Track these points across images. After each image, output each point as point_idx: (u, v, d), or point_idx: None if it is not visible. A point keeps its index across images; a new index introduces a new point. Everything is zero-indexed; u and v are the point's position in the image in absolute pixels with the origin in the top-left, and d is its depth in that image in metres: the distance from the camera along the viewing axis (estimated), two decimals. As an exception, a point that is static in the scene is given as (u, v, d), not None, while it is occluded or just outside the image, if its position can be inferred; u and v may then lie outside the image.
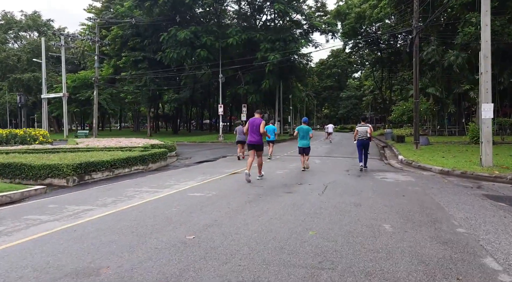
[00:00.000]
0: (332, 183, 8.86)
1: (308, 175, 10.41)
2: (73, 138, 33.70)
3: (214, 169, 12.33)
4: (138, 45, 34.73)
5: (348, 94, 79.80)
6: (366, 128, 11.75)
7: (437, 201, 6.65)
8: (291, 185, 8.67)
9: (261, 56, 29.60)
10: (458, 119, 36.13)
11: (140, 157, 12.15)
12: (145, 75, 33.76)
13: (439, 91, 33.02)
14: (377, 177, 10.15)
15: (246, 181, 8.98)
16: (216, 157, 17.40)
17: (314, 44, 33.92)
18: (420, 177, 10.31)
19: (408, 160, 13.98)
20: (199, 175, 10.69)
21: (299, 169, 11.96)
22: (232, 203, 6.56)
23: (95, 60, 36.41)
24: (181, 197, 7.18)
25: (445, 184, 8.96)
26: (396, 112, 23.98)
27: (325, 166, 12.91)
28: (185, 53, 30.31)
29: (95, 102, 35.95)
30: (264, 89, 31.80)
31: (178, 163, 15.35)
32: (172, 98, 32.79)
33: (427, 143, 22.47)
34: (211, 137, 32.65)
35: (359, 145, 11.78)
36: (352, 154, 18.19)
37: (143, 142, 19.47)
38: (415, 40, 19.80)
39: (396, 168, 12.78)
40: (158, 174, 11.35)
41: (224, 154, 19.00)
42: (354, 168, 12.40)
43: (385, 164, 14.36)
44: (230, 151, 21.02)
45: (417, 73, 19.88)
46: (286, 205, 6.34)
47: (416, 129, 19.74)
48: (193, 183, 9.00)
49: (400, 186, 8.47)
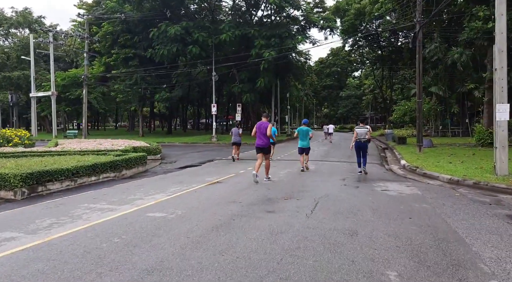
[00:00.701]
0: (324, 198, 7.50)
1: (298, 186, 9.07)
2: (62, 138, 32.37)
3: (194, 177, 10.98)
4: (129, 42, 33.31)
5: (348, 93, 78.36)
6: (365, 130, 11.30)
7: (454, 228, 5.29)
8: (276, 200, 7.32)
9: (255, 53, 28.16)
10: (462, 120, 34.77)
11: (110, 163, 10.79)
12: (136, 73, 32.35)
13: (442, 90, 31.67)
14: (378, 188, 8.80)
15: (254, 182, 9.36)
16: (203, 161, 16.05)
17: (311, 41, 32.48)
18: (427, 188, 8.95)
19: (411, 166, 12.64)
20: (173, 185, 9.35)
21: (290, 177, 10.65)
22: (196, 229, 5.21)
23: (85, 57, 35.02)
24: (136, 219, 5.83)
25: (458, 198, 7.61)
26: (397, 112, 22.63)
27: (319, 174, 11.56)
28: (176, 50, 28.89)
29: (84, 101, 34.56)
30: (259, 87, 30.40)
31: (159, 168, 14.00)
32: (164, 97, 31.34)
33: (430, 146, 21.14)
34: (204, 138, 31.26)
35: (356, 147, 11.36)
36: (350, 158, 16.85)
37: (126, 144, 18.11)
38: (419, 35, 18.43)
39: (399, 176, 11.43)
40: (129, 183, 10.00)
41: (213, 157, 17.65)
42: (351, 175, 11.06)
43: (386, 170, 13.02)
44: (220, 153, 19.67)
45: (420, 71, 18.53)
46: (263, 233, 5.00)
47: (420, 130, 18.39)
48: (161, 197, 7.65)
49: (405, 203, 7.12)
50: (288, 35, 28.99)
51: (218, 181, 9.87)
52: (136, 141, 20.65)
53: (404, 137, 26.08)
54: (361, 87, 74.00)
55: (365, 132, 11.28)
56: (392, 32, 45.39)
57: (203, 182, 9.66)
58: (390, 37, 48.04)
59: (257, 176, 9.39)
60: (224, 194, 8.01)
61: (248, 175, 11.19)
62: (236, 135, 15.77)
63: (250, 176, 10.89)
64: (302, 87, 56.76)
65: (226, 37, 27.94)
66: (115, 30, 32.73)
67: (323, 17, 33.30)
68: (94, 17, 35.80)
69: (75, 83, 39.07)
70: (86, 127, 34.99)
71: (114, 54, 32.69)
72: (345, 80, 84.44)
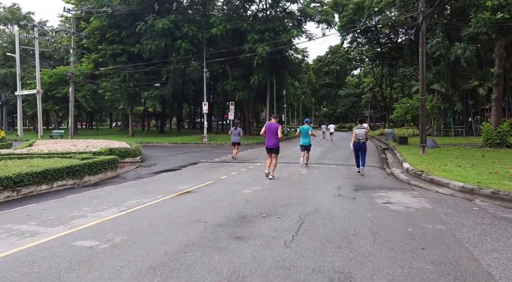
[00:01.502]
0: (313, 215, 6.02)
1: (284, 196, 7.58)
2: (47, 138, 30.86)
3: (166, 184, 9.49)
4: (117, 38, 31.67)
5: (346, 92, 76.76)
6: (364, 131, 10.95)
7: (486, 268, 3.81)
8: (252, 218, 5.84)
9: (248, 48, 26.55)
10: (465, 118, 33.29)
11: (67, 169, 9.28)
12: (124, 70, 30.78)
13: (444, 88, 30.20)
14: (379, 200, 7.31)
15: (267, 178, 10.01)
16: (186, 164, 14.56)
17: (308, 36, 30.89)
18: (438, 199, 7.47)
19: (416, 170, 11.16)
20: (136, 195, 7.85)
21: (278, 184, 9.17)
22: (124, 271, 3.71)
23: (71, 53, 33.49)
24: (54, 252, 4.32)
25: (478, 215, 6.13)
26: (398, 111, 21.13)
27: (312, 179, 10.07)
28: (164, 45, 27.25)
29: (71, 100, 33.06)
30: (253, 85, 28.83)
31: (133, 172, 12.51)
32: (153, 94, 29.71)
33: (434, 146, 19.67)
34: (195, 138, 29.71)
35: (355, 148, 11.03)
36: (348, 160, 15.38)
37: (104, 145, 16.62)
38: (422, 27, 16.93)
39: (402, 182, 9.95)
40: (85, 193, 8.50)
41: (199, 159, 16.16)
42: (348, 182, 9.57)
43: (388, 174, 11.54)
44: (208, 155, 18.18)
45: (424, 65, 17.05)
46: (216, 279, 3.51)
47: (424, 130, 16.90)
48: (109, 214, 6.16)
49: (414, 222, 5.63)
50: (282, 29, 27.36)
51: (190, 191, 8.38)
52: (117, 142, 19.17)
53: (405, 137, 24.63)
54: (360, 86, 72.52)
55: (364, 133, 10.90)
56: (392, 28, 44.01)
57: (172, 192, 8.17)
58: (390, 33, 46.60)
59: (270, 173, 10.12)
60: (190, 209, 6.52)
61: (229, 181, 9.71)
62: (236, 135, 15.90)
63: (231, 183, 9.45)
64: (300, 85, 55.19)
65: (217, 31, 26.34)
66: (103, 25, 31.15)
67: (320, 10, 31.66)
68: (81, 11, 34.26)
69: (62, 81, 37.51)
70: (72, 127, 33.48)
71: (101, 50, 31.07)
72: (344, 79, 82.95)
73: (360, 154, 10.92)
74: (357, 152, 11.00)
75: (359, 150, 10.92)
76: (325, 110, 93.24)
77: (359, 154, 10.95)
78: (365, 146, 10.95)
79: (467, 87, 30.29)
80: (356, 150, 10.98)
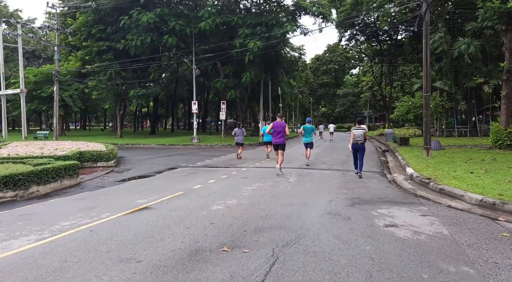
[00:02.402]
0: (291, 247, 4.46)
1: (259, 216, 6.03)
2: (32, 139, 29.32)
3: (123, 197, 7.93)
4: (104, 34, 30.09)
5: (345, 91, 75.09)
6: (362, 131, 10.63)
7: None
8: (208, 253, 4.28)
9: (239, 43, 24.94)
10: (469, 118, 31.74)
11: (5, 178, 7.73)
12: (110, 67, 29.18)
13: (448, 85, 28.65)
14: (379, 221, 5.75)
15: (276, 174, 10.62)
16: (163, 169, 13.02)
17: (303, 31, 29.24)
18: (455, 220, 5.91)
19: (422, 178, 9.62)
20: (75, 214, 6.30)
21: (258, 196, 7.63)
22: None
23: (55, 51, 31.90)
24: None
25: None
26: (399, 109, 19.55)
27: (299, 190, 8.52)
28: (150, 41, 25.62)
29: (55, 99, 31.46)
30: (246, 83, 27.22)
31: (100, 179, 10.97)
32: (139, 94, 28.03)
33: (439, 148, 18.13)
34: (185, 139, 28.11)
35: (353, 150, 10.78)
36: (344, 164, 13.85)
37: (75, 147, 15.08)
38: (426, 17, 15.40)
39: (407, 193, 8.41)
40: (19, 209, 6.95)
41: (180, 163, 14.61)
42: (343, 193, 8.03)
43: (389, 182, 10.00)
44: (192, 158, 16.62)
45: (428, 58, 15.50)
46: None
47: (428, 130, 15.35)
48: (20, 245, 4.60)
49: (428, 263, 4.07)
50: (275, 23, 25.68)
51: (148, 207, 6.82)
52: (93, 144, 17.59)
53: (407, 138, 23.09)
54: (359, 85, 70.95)
55: (362, 133, 10.59)
56: (392, 24, 42.51)
57: (125, 209, 6.62)
58: (389, 30, 45.08)
59: (280, 168, 10.83)
60: (131, 236, 4.96)
61: (202, 192, 8.16)
62: (239, 135, 16.09)
63: (203, 194, 7.93)
64: (297, 84, 53.59)
65: (205, 26, 24.69)
66: (87, 21, 29.54)
67: (315, 1, 29.95)
68: (67, 7, 32.69)
69: (48, 80, 35.93)
70: (57, 128, 31.88)
71: (86, 47, 29.44)
72: (342, 78, 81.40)
73: (359, 156, 10.65)
74: (355, 153, 10.75)
75: (357, 150, 10.66)
76: (324, 110, 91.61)
77: (357, 155, 10.69)
78: (364, 147, 10.70)
79: (471, 85, 28.76)
80: (355, 151, 10.71)
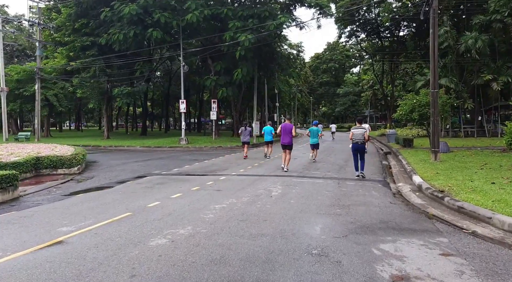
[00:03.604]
0: None
1: (215, 255, 4.21)
2: (13, 141, 27.57)
3: (50, 221, 6.13)
4: (88, 29, 28.28)
5: (345, 91, 73.08)
6: (362, 131, 10.43)
7: None
8: None
9: (229, 36, 23.06)
10: (476, 117, 29.83)
11: None
12: (94, 64, 27.40)
13: (454, 83, 26.78)
14: (383, 271, 3.91)
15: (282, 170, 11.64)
16: (129, 177, 11.21)
17: (298, 23, 27.34)
18: (493, 265, 4.07)
19: (434, 190, 7.82)
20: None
21: (224, 220, 5.79)
22: None
23: (37, 47, 30.14)
24: None
25: None
26: (403, 108, 17.66)
27: (280, 209, 6.69)
28: (133, 34, 23.81)
29: (37, 98, 29.74)
30: (238, 80, 25.37)
31: (48, 192, 9.17)
32: (124, 92, 26.14)
33: (446, 150, 16.30)
34: (173, 141, 26.24)
35: (354, 150, 10.56)
36: (341, 171, 12.03)
37: (35, 151, 13.28)
38: (433, 2, 13.57)
39: (417, 214, 6.58)
40: None
41: (152, 170, 12.79)
42: (335, 215, 6.19)
43: (394, 195, 8.18)
44: (170, 163, 14.81)
45: (436, 50, 13.68)
46: None
47: (436, 131, 13.52)
48: None
49: None
50: (269, 15, 23.73)
51: (64, 240, 5.00)
52: (62, 147, 15.77)
53: (410, 139, 21.26)
54: (360, 83, 69.06)
55: (362, 133, 10.34)
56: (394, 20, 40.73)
57: (32, 244, 4.81)
58: (391, 26, 43.28)
59: (285, 166, 11.70)
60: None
61: (155, 214, 6.30)
62: (246, 135, 16.33)
63: (154, 218, 6.09)
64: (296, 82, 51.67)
65: (192, 18, 22.79)
66: (70, 14, 27.74)
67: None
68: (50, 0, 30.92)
69: (32, 78, 34.11)
70: (39, 128, 30.14)
71: (68, 42, 27.64)
72: (342, 77, 79.50)
73: (359, 156, 10.41)
74: (356, 153, 10.48)
75: (358, 151, 10.40)
76: (324, 110, 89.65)
77: (358, 156, 10.42)
78: (364, 147, 10.51)
79: (479, 82, 26.89)
80: (355, 151, 10.45)
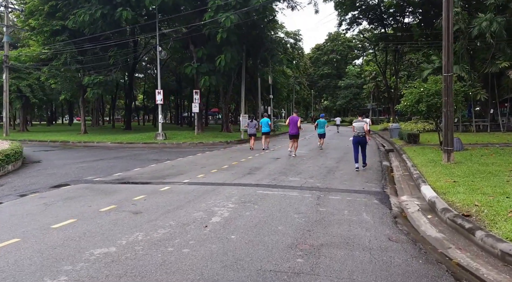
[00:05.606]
0: None
1: None
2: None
3: None
4: (61, 12, 25.51)
5: (347, 83, 69.86)
6: (362, 124, 10.35)
7: None
8: None
9: (209, 17, 20.24)
10: (488, 110, 26.88)
11: None
12: (64, 51, 24.68)
13: (465, 71, 23.89)
14: None
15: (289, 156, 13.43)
16: (43, 186, 8.56)
17: (290, 4, 24.40)
18: None
19: (454, 213, 5.09)
20: None
21: None
22: None
23: (5, 32, 27.50)
24: None
25: None
26: (408, 98, 14.77)
27: (201, 259, 3.99)
28: (100, 15, 21.06)
29: (5, 89, 27.19)
30: (222, 68, 22.50)
31: None
32: (95, 81, 23.30)
33: (460, 148, 13.49)
34: (149, 136, 23.50)
35: (355, 142, 10.47)
36: (327, 176, 9.27)
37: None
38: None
39: (433, 266, 3.84)
40: None
41: (87, 175, 10.13)
42: (293, 271, 3.45)
43: (395, 222, 5.44)
44: (119, 165, 12.14)
45: (450, 25, 10.86)
46: None
47: (450, 126, 10.71)
48: None
49: None
50: (254, -9, 20.97)
51: None
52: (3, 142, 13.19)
53: (416, 134, 18.44)
54: (362, 75, 65.91)
55: (363, 126, 10.32)
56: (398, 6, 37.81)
57: None
58: (395, 12, 40.31)
59: (292, 151, 13.81)
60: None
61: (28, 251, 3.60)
62: (252, 127, 17.08)
63: None
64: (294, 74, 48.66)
65: (167, -6, 20.06)
66: (40, -5, 24.95)
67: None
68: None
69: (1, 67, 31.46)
70: (7, 123, 27.61)
71: (35, 27, 24.89)
72: (344, 69, 76.28)
73: (361, 149, 10.51)
74: (357, 146, 10.49)
75: (359, 143, 10.46)
76: (326, 103, 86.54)
77: (358, 149, 10.48)
78: (365, 140, 10.52)
79: (493, 70, 23.91)
80: (356, 144, 10.47)
